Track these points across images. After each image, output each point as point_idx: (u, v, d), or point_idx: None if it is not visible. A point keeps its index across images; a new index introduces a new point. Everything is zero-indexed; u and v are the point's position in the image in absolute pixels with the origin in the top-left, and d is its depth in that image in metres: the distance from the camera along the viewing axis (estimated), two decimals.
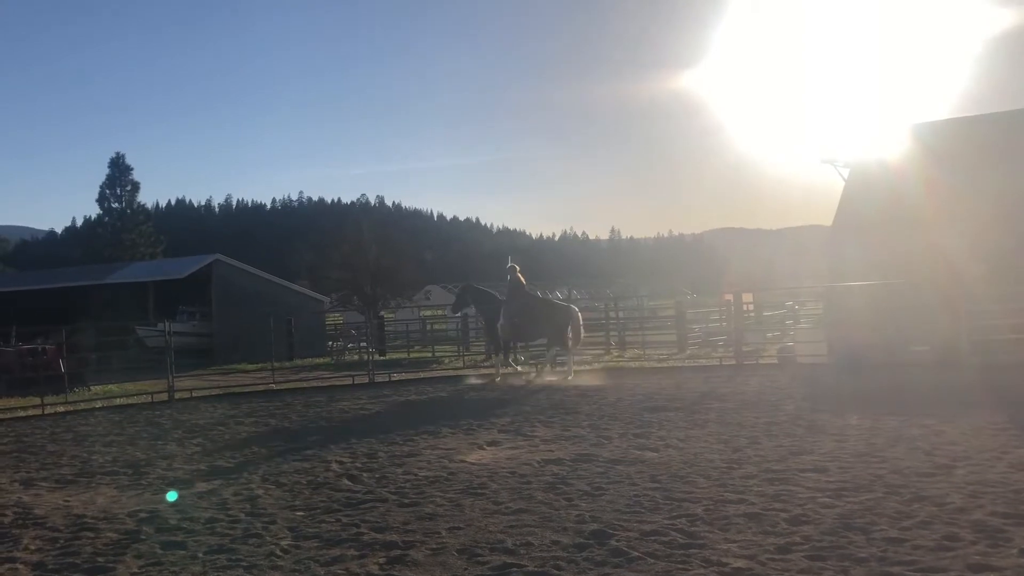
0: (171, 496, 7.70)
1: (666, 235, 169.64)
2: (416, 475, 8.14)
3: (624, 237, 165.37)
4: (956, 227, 17.60)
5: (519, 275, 17.73)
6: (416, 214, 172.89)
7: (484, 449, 9.43)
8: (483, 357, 24.23)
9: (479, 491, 7.30)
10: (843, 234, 19.56)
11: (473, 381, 16.84)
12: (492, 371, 17.63)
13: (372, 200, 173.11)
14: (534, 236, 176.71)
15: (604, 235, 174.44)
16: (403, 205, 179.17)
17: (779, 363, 17.99)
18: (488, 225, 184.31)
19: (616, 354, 22.87)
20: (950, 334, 16.36)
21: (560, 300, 28.19)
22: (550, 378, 16.57)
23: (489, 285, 22.64)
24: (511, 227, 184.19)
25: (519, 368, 17.93)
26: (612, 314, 26.82)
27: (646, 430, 10.13)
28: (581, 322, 17.68)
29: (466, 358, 23.82)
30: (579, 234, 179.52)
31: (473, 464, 8.55)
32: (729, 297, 22.45)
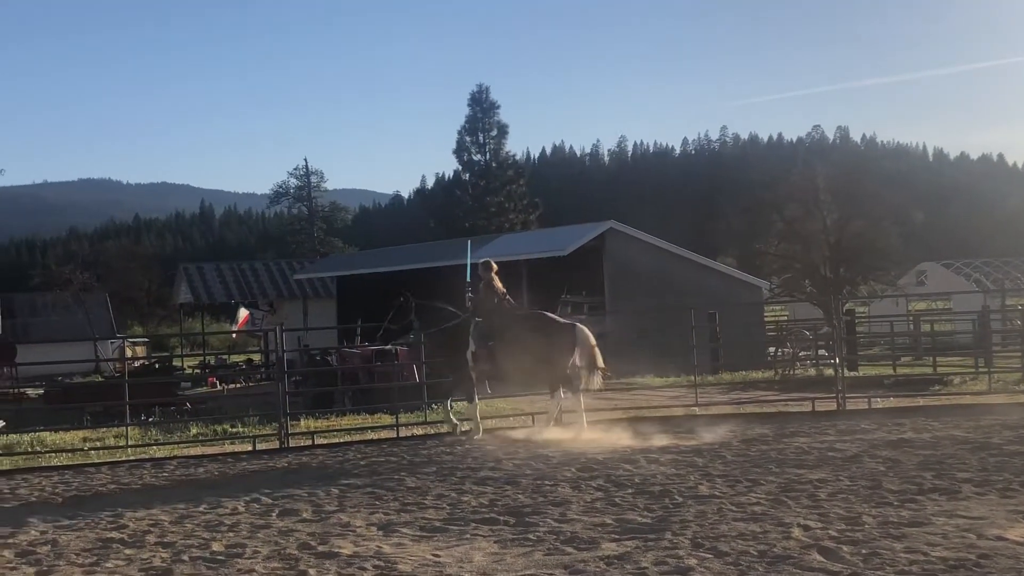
0: None
1: None
2: (926, 555, 7.96)
3: None
4: None
5: (495, 276, 16.68)
6: (900, 151, 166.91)
7: None
8: (1019, 377, 22.68)
9: None
10: None
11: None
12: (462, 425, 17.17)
13: (830, 134, 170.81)
14: None
15: None
16: (879, 140, 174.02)
17: None
18: (1021, 165, 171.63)
19: None
20: None
21: None
22: (551, 433, 16.12)
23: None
24: None
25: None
26: None
27: None
28: (594, 344, 16.66)
29: (993, 375, 22.50)
30: None
31: (1020, 544, 8.14)
32: None
